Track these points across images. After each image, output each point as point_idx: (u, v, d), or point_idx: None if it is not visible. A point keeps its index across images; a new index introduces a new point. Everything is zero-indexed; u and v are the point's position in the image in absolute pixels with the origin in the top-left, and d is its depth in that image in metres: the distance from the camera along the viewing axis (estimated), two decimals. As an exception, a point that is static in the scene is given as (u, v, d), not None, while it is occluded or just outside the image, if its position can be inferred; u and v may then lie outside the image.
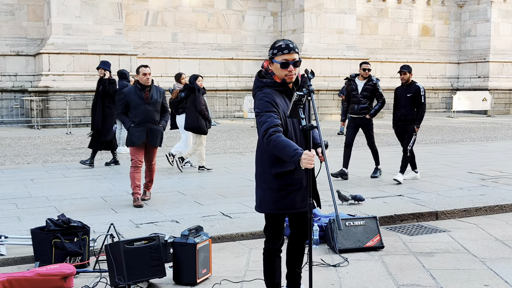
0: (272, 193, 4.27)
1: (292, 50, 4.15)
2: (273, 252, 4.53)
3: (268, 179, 4.28)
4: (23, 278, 4.96)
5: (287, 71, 4.15)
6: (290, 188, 4.24)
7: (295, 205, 4.28)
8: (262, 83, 4.24)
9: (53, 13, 21.72)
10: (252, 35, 27.15)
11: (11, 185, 9.67)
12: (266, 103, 4.13)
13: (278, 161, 4.19)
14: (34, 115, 20.99)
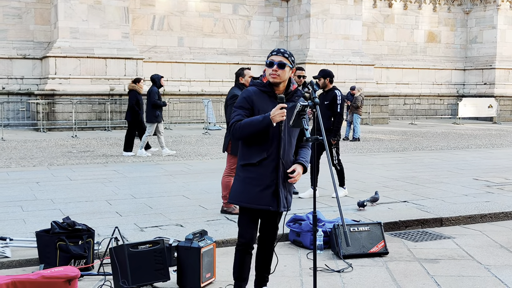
0: (238, 184, 4.50)
1: (280, 53, 4.42)
2: (242, 248, 4.62)
3: (237, 171, 4.54)
4: (27, 280, 4.96)
5: (272, 70, 4.36)
6: (254, 182, 4.40)
7: (259, 201, 4.41)
8: (252, 83, 4.55)
9: (60, 16, 21.81)
10: (258, 40, 27.19)
11: (16, 188, 9.69)
12: (242, 99, 4.44)
13: (247, 153, 4.44)
14: (40, 118, 21.05)
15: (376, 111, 27.40)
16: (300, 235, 6.67)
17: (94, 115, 21.99)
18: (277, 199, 4.42)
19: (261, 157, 4.37)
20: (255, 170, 4.39)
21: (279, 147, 4.37)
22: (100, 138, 18.69)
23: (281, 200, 4.44)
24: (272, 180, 4.38)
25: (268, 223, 4.62)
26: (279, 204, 4.44)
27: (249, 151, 4.43)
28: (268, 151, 4.38)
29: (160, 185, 10.12)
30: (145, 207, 8.30)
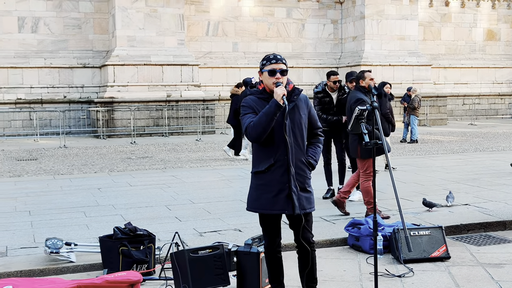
0: (251, 192, 4.60)
1: (279, 60, 4.49)
2: (269, 250, 4.71)
3: (251, 178, 4.61)
4: (92, 284, 5.09)
5: (274, 78, 4.42)
6: (265, 188, 4.47)
7: (273, 206, 4.47)
8: (249, 92, 4.65)
9: (117, 25, 22.32)
10: (312, 43, 27.13)
11: (79, 194, 9.96)
12: (244, 107, 4.54)
13: (256, 161, 4.54)
14: (100, 125, 21.56)
15: (434, 112, 26.91)
16: (359, 239, 6.61)
17: (151, 121, 22.38)
18: (292, 202, 4.44)
19: (269, 163, 4.43)
20: (265, 177, 4.46)
21: (286, 150, 4.41)
22: (158, 144, 19.00)
23: (296, 203, 4.45)
24: (284, 184, 4.42)
25: (294, 228, 4.63)
26: (294, 207, 4.45)
27: (257, 159, 4.53)
28: (274, 157, 4.43)
29: (218, 190, 10.21)
30: (203, 212, 8.39)
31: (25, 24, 22.92)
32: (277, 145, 4.41)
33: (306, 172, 4.57)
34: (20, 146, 18.66)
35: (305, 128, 4.56)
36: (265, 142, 4.42)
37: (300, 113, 4.53)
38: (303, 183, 4.52)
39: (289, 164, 4.42)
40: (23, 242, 6.82)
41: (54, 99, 22.95)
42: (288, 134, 4.41)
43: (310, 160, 4.58)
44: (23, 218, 8.12)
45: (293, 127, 4.46)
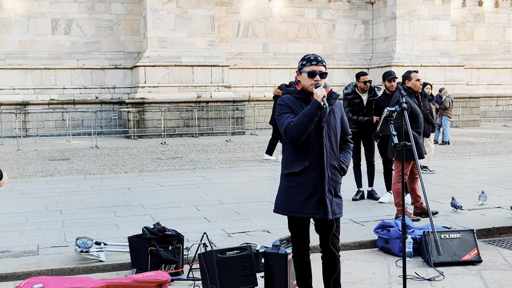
0: (281, 194, 4.52)
1: (320, 62, 4.41)
2: (298, 254, 4.65)
3: (281, 179, 4.55)
4: (121, 284, 5.13)
5: (313, 80, 4.36)
6: (297, 190, 4.39)
7: (303, 209, 4.40)
8: (285, 91, 4.54)
9: (149, 27, 22.50)
10: (343, 43, 26.99)
11: (109, 194, 10.05)
12: (281, 106, 4.44)
13: (289, 162, 4.45)
14: (131, 125, 21.76)
15: (467, 113, 26.53)
16: (388, 242, 6.55)
17: (182, 122, 22.51)
18: (324, 206, 4.37)
19: (303, 165, 4.36)
20: (298, 179, 4.38)
21: (321, 154, 4.36)
22: (188, 145, 19.09)
23: (328, 208, 4.37)
24: (316, 188, 4.36)
25: (322, 232, 4.56)
26: (326, 212, 4.38)
27: (291, 160, 4.43)
28: (310, 159, 4.36)
29: (247, 191, 10.21)
30: (232, 212, 8.40)
31: (59, 26, 23.25)
32: (312, 148, 4.36)
33: (338, 177, 4.52)
34: (53, 146, 18.93)
35: (338, 133, 4.52)
36: (301, 144, 4.36)
37: (336, 117, 4.48)
38: (335, 188, 4.47)
39: (323, 167, 4.37)
40: (54, 241, 6.91)
41: (86, 99, 23.24)
42: (325, 137, 4.37)
43: (342, 166, 4.52)
44: (54, 217, 8.23)
45: (328, 131, 4.41)
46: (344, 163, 4.54)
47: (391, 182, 9.11)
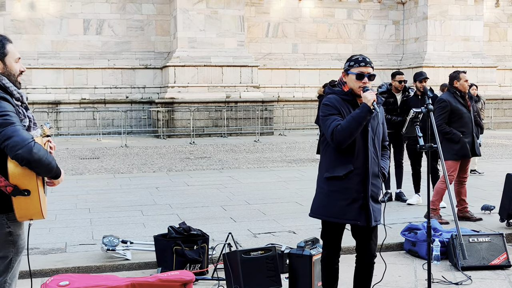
0: (321, 198, 4.35)
1: (368, 64, 4.26)
2: (328, 261, 4.52)
3: (321, 183, 4.37)
4: (145, 282, 5.16)
5: (361, 83, 4.20)
6: (339, 195, 4.24)
7: (345, 215, 4.26)
8: (331, 90, 4.38)
9: (179, 27, 22.63)
10: (373, 44, 26.80)
11: (137, 193, 10.13)
12: (327, 106, 4.27)
13: (331, 166, 4.28)
14: (160, 125, 21.91)
15: (499, 115, 26.12)
16: (415, 244, 6.48)
17: (211, 122, 22.58)
18: (366, 213, 4.25)
19: (348, 170, 4.20)
20: (341, 184, 4.24)
21: (366, 159, 4.23)
22: (217, 145, 19.15)
23: (371, 214, 4.26)
24: (359, 194, 4.22)
25: (360, 238, 4.45)
26: (369, 218, 4.26)
27: (334, 164, 4.27)
28: (354, 164, 4.22)
29: (274, 191, 10.20)
30: (258, 213, 8.40)
31: (90, 26, 23.52)
32: (357, 152, 4.22)
33: (379, 183, 4.41)
34: (84, 145, 19.16)
35: (381, 138, 4.40)
36: (345, 148, 4.21)
37: (379, 122, 4.36)
38: (377, 194, 4.36)
39: (367, 173, 4.25)
40: (82, 239, 6.99)
41: (117, 99, 23.46)
42: (369, 142, 4.25)
43: (383, 171, 4.41)
44: (83, 215, 8.32)
45: (373, 136, 4.29)
46: (384, 169, 4.43)
47: (419, 183, 9.03)
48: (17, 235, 3.53)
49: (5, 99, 3.38)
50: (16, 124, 3.30)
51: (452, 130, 7.65)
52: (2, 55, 3.50)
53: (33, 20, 22.91)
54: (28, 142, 3.24)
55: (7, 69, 3.51)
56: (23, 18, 22.83)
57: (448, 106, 7.68)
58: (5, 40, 3.56)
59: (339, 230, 4.43)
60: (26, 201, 3.32)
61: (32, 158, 3.23)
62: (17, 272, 3.65)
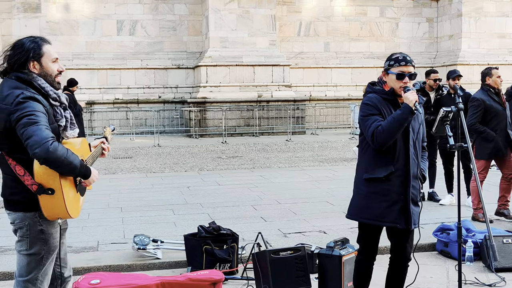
0: (359, 199, 4.27)
1: (409, 62, 4.13)
2: (363, 264, 4.45)
3: (359, 184, 4.29)
4: (175, 282, 5.20)
5: (402, 83, 4.09)
6: (379, 197, 4.15)
7: (385, 218, 4.17)
8: (371, 89, 4.27)
9: (211, 27, 22.71)
10: (406, 42, 26.51)
11: (169, 192, 10.20)
12: (368, 106, 4.17)
13: (371, 167, 4.18)
14: (193, 125, 22.02)
15: (536, 113, 25.57)
16: (448, 245, 6.39)
17: (242, 121, 22.61)
18: (406, 215, 4.17)
19: (388, 171, 4.11)
20: (381, 185, 4.14)
21: (407, 160, 4.13)
22: (248, 144, 19.16)
23: (411, 217, 4.17)
24: (399, 196, 4.12)
25: (397, 241, 4.35)
26: (409, 221, 4.18)
27: (374, 164, 4.18)
28: (395, 165, 4.12)
29: (305, 191, 10.16)
30: (289, 212, 8.38)
31: (123, 27, 23.76)
32: (398, 154, 4.13)
33: (419, 185, 4.31)
34: (117, 144, 19.35)
35: (421, 138, 4.30)
36: (386, 149, 4.13)
37: (419, 122, 4.27)
38: (416, 197, 4.27)
39: (408, 174, 4.16)
40: (114, 237, 7.07)
41: (150, 99, 23.67)
42: (410, 143, 4.16)
43: (423, 173, 4.32)
44: (115, 214, 8.41)
45: (413, 137, 4.20)
46: (424, 170, 4.34)
47: (452, 183, 8.90)
48: (49, 234, 3.58)
49: (34, 99, 3.41)
50: (40, 123, 3.31)
51: (486, 130, 7.53)
52: (38, 56, 3.54)
53: (67, 21, 23.25)
54: (45, 141, 3.25)
55: (43, 70, 3.55)
56: (58, 20, 23.18)
57: (481, 105, 7.55)
58: (41, 41, 3.60)
59: (377, 232, 4.34)
60: (51, 200, 3.37)
61: (48, 158, 3.24)
62: (50, 271, 3.70)
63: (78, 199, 3.59)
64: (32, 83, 3.49)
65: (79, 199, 3.60)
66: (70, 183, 3.48)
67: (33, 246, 3.56)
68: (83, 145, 3.76)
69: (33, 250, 3.56)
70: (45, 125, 3.33)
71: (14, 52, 3.54)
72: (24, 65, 3.52)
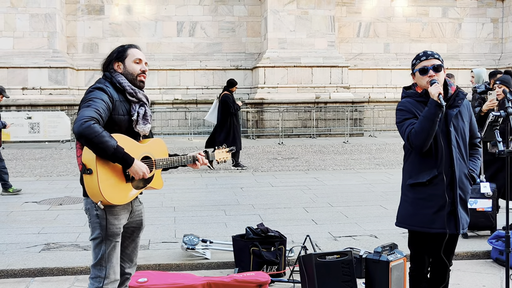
0: (406, 206, 4.14)
1: (430, 56, 4.01)
2: (415, 274, 4.28)
3: (405, 190, 4.16)
4: (221, 282, 5.22)
5: (427, 77, 3.96)
6: (425, 203, 4.00)
7: (432, 224, 4.00)
8: (405, 94, 4.18)
9: (269, 28, 22.76)
10: (469, 43, 25.86)
11: (222, 193, 10.27)
12: (402, 111, 4.10)
13: (414, 171, 4.06)
14: (250, 125, 22.11)
15: None
16: (503, 253, 6.18)
17: (299, 122, 22.55)
18: (455, 220, 4.00)
19: (432, 175, 3.96)
20: (425, 190, 4.00)
21: (451, 161, 3.97)
22: (305, 145, 19.09)
23: (460, 221, 4.01)
24: (446, 200, 3.93)
25: (443, 246, 4.11)
26: (458, 225, 4.01)
27: (417, 169, 4.05)
28: (438, 168, 3.96)
29: (358, 194, 10.04)
30: (341, 215, 8.30)
31: (183, 28, 24.10)
32: (441, 155, 3.95)
33: (467, 187, 4.12)
34: (175, 144, 19.63)
35: (467, 137, 4.12)
36: (427, 152, 3.99)
37: (464, 120, 4.09)
38: (465, 199, 4.10)
39: (453, 177, 4.00)
40: (165, 236, 7.16)
41: (208, 99, 23.87)
42: (453, 143, 4.00)
43: (472, 174, 4.13)
44: (167, 213, 8.53)
45: (457, 136, 4.03)
46: (474, 171, 4.15)
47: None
48: (104, 219, 3.73)
49: (101, 89, 3.73)
50: (91, 106, 3.57)
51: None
52: (122, 57, 3.92)
53: (129, 23, 23.76)
54: (82, 118, 3.47)
55: (126, 69, 3.91)
56: (120, 22, 23.72)
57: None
58: (128, 46, 4.01)
59: (427, 239, 4.17)
60: (89, 179, 3.59)
61: (79, 133, 3.43)
62: (114, 259, 3.80)
63: (126, 188, 3.72)
64: (112, 79, 3.85)
65: (127, 188, 3.73)
66: (112, 169, 3.63)
67: (93, 231, 3.78)
68: (154, 145, 3.96)
69: (94, 235, 3.77)
70: (95, 108, 3.57)
71: (108, 56, 4.00)
72: (111, 65, 3.94)
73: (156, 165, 3.91)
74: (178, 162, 4.10)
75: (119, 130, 3.74)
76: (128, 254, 4.04)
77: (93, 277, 3.78)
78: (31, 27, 21.93)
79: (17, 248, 6.65)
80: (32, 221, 8.06)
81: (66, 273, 5.93)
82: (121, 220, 3.82)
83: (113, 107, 3.73)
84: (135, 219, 4.02)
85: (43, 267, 5.97)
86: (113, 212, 3.76)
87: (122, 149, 3.56)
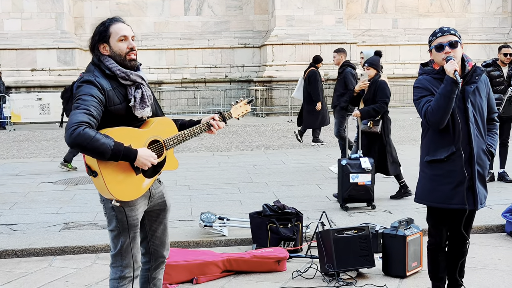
0: (424, 183, 4.18)
1: (446, 32, 4.01)
2: (433, 247, 4.32)
3: (423, 167, 4.21)
4: (240, 259, 5.32)
5: (443, 53, 3.97)
6: (441, 179, 4.04)
7: (451, 200, 4.04)
8: (422, 71, 4.19)
9: (277, 5, 22.65)
10: (478, 17, 25.67)
11: (235, 171, 10.34)
12: (418, 89, 4.12)
13: (432, 148, 4.10)
14: (259, 104, 22.13)
15: None
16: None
17: (308, 100, 22.47)
18: (474, 196, 4.04)
19: (449, 151, 3.99)
20: (444, 167, 4.03)
21: (469, 138, 3.99)
22: (314, 123, 19.06)
23: (478, 197, 4.04)
24: (464, 176, 3.97)
25: (461, 222, 4.13)
26: (476, 201, 4.05)
27: (435, 146, 4.08)
28: (456, 145, 3.98)
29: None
30: (354, 192, 8.34)
31: (191, 7, 24.02)
32: (458, 132, 3.98)
33: (486, 163, 4.14)
34: (185, 123, 19.67)
35: (485, 113, 4.13)
36: (444, 128, 4.00)
37: (481, 96, 4.09)
38: (484, 175, 4.13)
39: (472, 153, 4.01)
40: (182, 214, 7.25)
41: (216, 78, 23.91)
42: (471, 119, 4.01)
43: (490, 149, 4.15)
44: (182, 192, 8.62)
45: (474, 112, 4.03)
46: (492, 146, 4.17)
47: None
48: (120, 212, 3.56)
49: (89, 82, 3.43)
50: (80, 107, 3.32)
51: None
52: (105, 38, 3.53)
53: (136, 2, 23.70)
54: (70, 127, 3.26)
55: (112, 50, 3.53)
56: (128, 1, 23.66)
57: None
58: (109, 22, 3.58)
59: (446, 215, 4.20)
60: (96, 181, 3.43)
61: (71, 143, 3.26)
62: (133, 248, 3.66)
63: (137, 181, 3.51)
64: (100, 65, 3.52)
65: (138, 181, 3.52)
66: (117, 166, 3.42)
67: (110, 222, 3.64)
68: (160, 125, 3.71)
69: (110, 226, 3.64)
70: (85, 108, 3.32)
71: (91, 37, 3.61)
72: (96, 48, 3.57)
73: (166, 146, 3.67)
74: (190, 135, 3.85)
75: (119, 119, 3.49)
76: (159, 236, 3.89)
77: (114, 266, 3.66)
78: (38, 8, 21.93)
79: (37, 228, 6.77)
80: (50, 201, 8.18)
81: (86, 251, 6.04)
82: (139, 210, 3.64)
83: (106, 99, 3.44)
84: (156, 202, 3.83)
85: (64, 245, 6.08)
86: (129, 204, 3.56)
87: (121, 146, 3.33)
